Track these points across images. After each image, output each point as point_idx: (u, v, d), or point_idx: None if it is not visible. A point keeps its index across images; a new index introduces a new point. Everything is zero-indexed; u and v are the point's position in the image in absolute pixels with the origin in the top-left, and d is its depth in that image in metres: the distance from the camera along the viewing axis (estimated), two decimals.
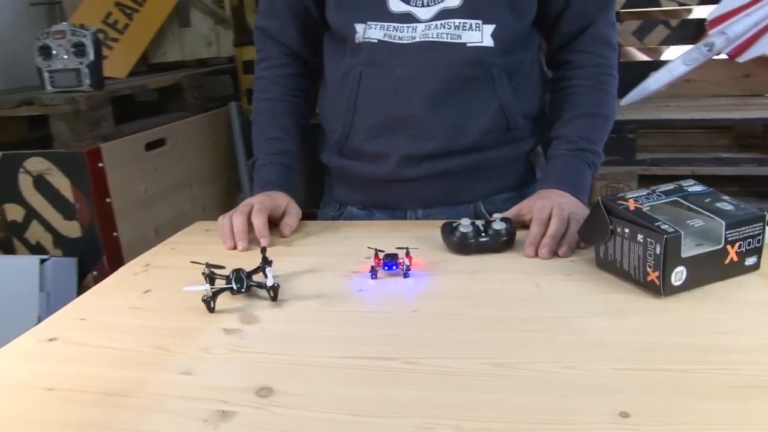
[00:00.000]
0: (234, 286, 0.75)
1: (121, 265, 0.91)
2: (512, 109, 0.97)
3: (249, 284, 0.75)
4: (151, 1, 2.18)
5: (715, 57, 2.08)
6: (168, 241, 1.00)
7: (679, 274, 0.69)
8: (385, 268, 0.79)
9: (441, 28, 0.94)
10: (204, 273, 0.78)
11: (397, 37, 0.95)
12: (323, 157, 1.10)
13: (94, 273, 1.60)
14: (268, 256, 0.81)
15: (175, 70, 2.25)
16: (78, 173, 1.56)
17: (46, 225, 1.62)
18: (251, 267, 0.79)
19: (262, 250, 0.81)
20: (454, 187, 1.01)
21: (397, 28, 0.96)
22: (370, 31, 0.96)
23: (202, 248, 0.95)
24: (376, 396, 0.55)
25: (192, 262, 0.81)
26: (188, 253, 0.91)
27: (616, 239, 0.74)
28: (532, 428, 0.50)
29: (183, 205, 1.98)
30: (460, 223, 0.85)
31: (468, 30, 0.94)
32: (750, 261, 0.73)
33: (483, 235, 0.85)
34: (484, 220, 0.86)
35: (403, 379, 0.57)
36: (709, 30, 2.12)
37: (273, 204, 0.97)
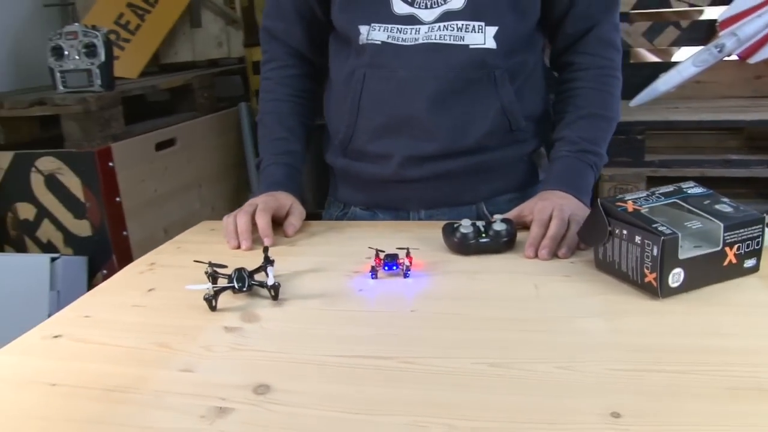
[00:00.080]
0: (236, 285, 0.76)
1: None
2: (514, 111, 0.98)
3: (250, 283, 0.76)
4: (162, 2, 2.20)
5: (726, 58, 2.07)
6: (173, 240, 1.01)
7: (676, 276, 0.69)
8: (386, 268, 0.80)
9: (444, 30, 0.95)
10: (207, 272, 0.79)
11: (401, 39, 0.96)
12: (327, 157, 1.11)
13: (104, 271, 1.62)
14: (271, 255, 0.82)
15: (186, 70, 2.27)
16: (88, 173, 1.58)
17: (57, 224, 1.64)
18: (254, 266, 0.81)
19: (265, 250, 0.82)
20: (457, 188, 1.02)
21: (401, 29, 0.96)
22: (374, 33, 0.97)
23: (207, 247, 0.96)
24: (371, 394, 0.56)
25: (195, 261, 0.82)
26: (193, 252, 0.92)
27: (615, 241, 0.74)
28: (525, 427, 0.50)
29: (192, 204, 2.00)
30: (461, 224, 0.86)
31: (471, 32, 0.94)
32: (749, 263, 0.73)
33: (483, 235, 0.85)
34: (484, 221, 0.87)
35: (399, 378, 0.58)
36: (719, 31, 2.11)
37: (277, 204, 0.98)
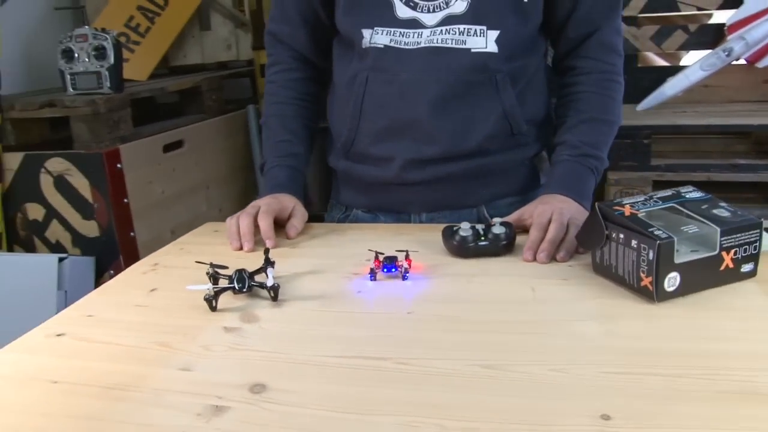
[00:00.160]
0: (236, 286, 0.77)
1: None
2: (516, 115, 0.98)
3: (250, 284, 0.77)
4: (172, 4, 2.22)
5: (734, 62, 2.06)
6: (177, 241, 1.02)
7: (672, 280, 0.69)
8: (385, 271, 0.81)
9: (446, 34, 0.95)
10: (208, 273, 0.80)
11: (403, 43, 0.97)
12: (330, 160, 1.12)
13: (111, 272, 1.64)
14: (272, 257, 0.83)
15: (195, 72, 2.29)
16: (97, 174, 1.60)
17: (66, 224, 1.66)
18: (255, 267, 0.82)
19: (265, 251, 0.83)
20: (458, 192, 1.03)
21: (403, 33, 0.97)
22: (377, 37, 0.98)
23: (210, 249, 0.97)
24: (365, 394, 0.57)
25: (197, 262, 0.83)
26: (196, 254, 0.93)
27: (612, 244, 0.74)
28: (515, 428, 0.51)
29: (199, 206, 2.01)
30: (460, 227, 0.86)
31: (472, 36, 0.95)
32: (746, 268, 0.74)
33: (482, 239, 0.86)
34: (484, 225, 0.87)
35: (393, 379, 0.59)
36: (728, 35, 2.10)
37: (280, 206, 0.99)
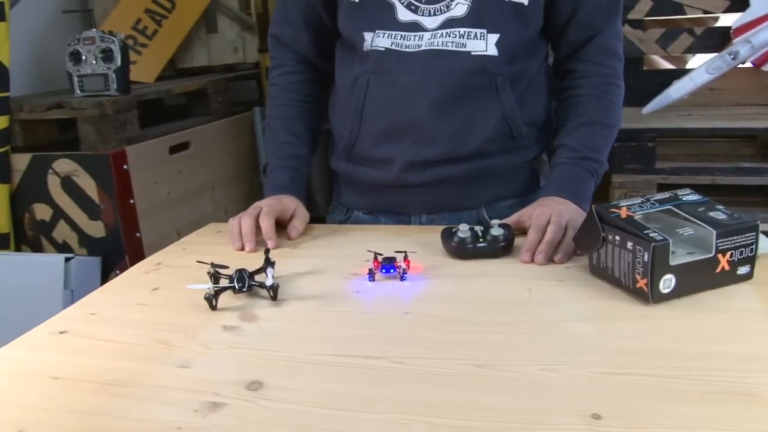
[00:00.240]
0: (236, 286, 0.78)
1: None
2: (515, 117, 0.99)
3: (250, 284, 0.78)
4: (179, 7, 2.23)
5: (740, 66, 2.06)
6: (180, 242, 1.04)
7: (667, 282, 0.70)
8: (383, 271, 0.82)
9: (446, 37, 0.96)
10: (209, 272, 0.81)
11: (404, 46, 0.98)
12: (332, 162, 1.13)
13: (117, 272, 1.65)
14: (272, 257, 0.84)
15: (202, 75, 2.31)
16: (103, 175, 1.62)
17: (73, 225, 1.67)
18: (256, 267, 0.83)
19: (266, 252, 0.84)
20: (458, 194, 1.03)
21: (405, 36, 0.98)
22: (378, 40, 0.99)
23: (212, 249, 0.98)
24: (359, 392, 0.57)
25: (198, 262, 0.85)
26: (199, 254, 0.94)
27: (608, 246, 0.75)
28: (505, 427, 0.51)
29: (205, 207, 2.02)
30: (459, 229, 0.87)
31: (473, 39, 0.96)
32: (742, 270, 0.74)
33: (481, 240, 0.86)
34: (482, 226, 0.88)
35: (387, 377, 0.60)
36: (734, 38, 2.10)
37: (281, 207, 1.00)
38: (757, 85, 2.19)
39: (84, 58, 1.69)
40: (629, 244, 0.71)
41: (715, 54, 2.06)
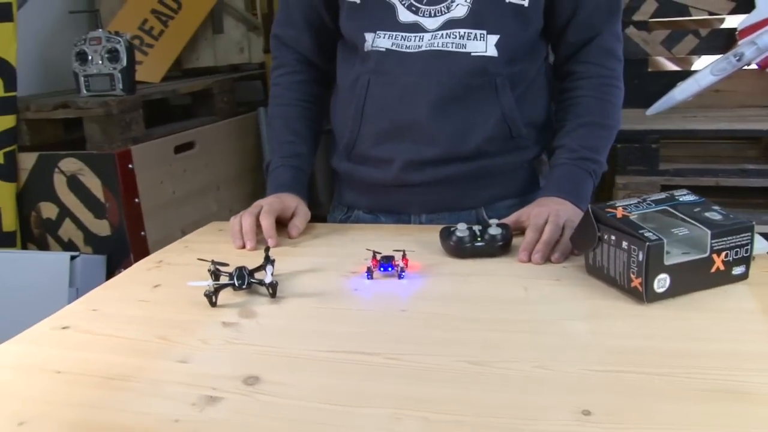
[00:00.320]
0: (236, 283, 0.79)
1: None
2: (515, 118, 1.00)
3: (250, 281, 0.79)
4: (186, 8, 2.25)
5: (745, 67, 2.06)
6: (182, 240, 1.05)
7: (662, 281, 0.70)
8: (381, 269, 0.83)
9: (446, 38, 0.97)
10: (210, 270, 0.82)
11: (405, 46, 0.99)
12: (333, 161, 1.14)
13: (121, 270, 1.66)
14: (272, 255, 0.85)
15: (208, 75, 2.32)
16: (109, 174, 1.63)
17: (78, 223, 1.69)
18: (256, 265, 0.84)
19: (266, 250, 0.85)
20: (457, 193, 1.04)
21: (405, 37, 0.99)
22: (379, 40, 1.00)
23: (214, 247, 0.99)
24: (353, 387, 0.58)
25: (199, 260, 0.86)
26: (200, 252, 0.95)
27: (604, 246, 0.76)
28: (496, 422, 0.52)
29: (210, 207, 2.04)
30: (457, 228, 0.88)
31: (472, 39, 0.97)
32: (738, 270, 0.74)
33: (479, 239, 0.87)
34: (481, 226, 0.89)
35: (382, 373, 0.60)
36: (739, 40, 2.10)
37: (282, 205, 1.01)
38: (763, 87, 2.19)
39: (90, 58, 1.71)
40: (624, 244, 0.72)
41: (720, 56, 2.05)
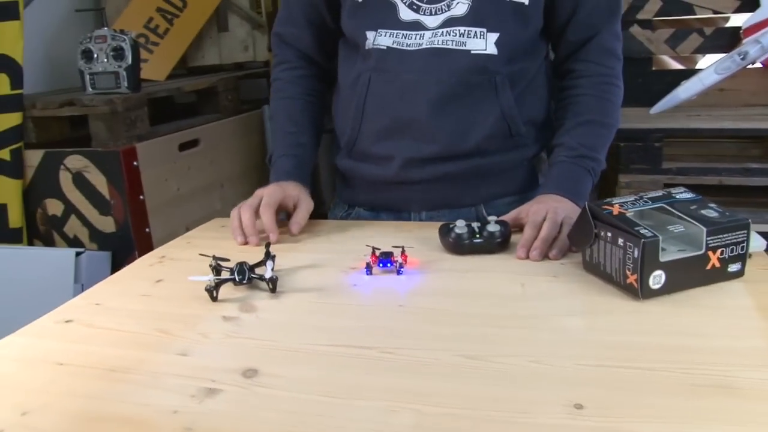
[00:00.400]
0: (236, 278, 0.80)
1: None
2: (514, 116, 1.00)
3: (250, 276, 0.80)
4: (191, 6, 2.26)
5: (750, 66, 2.05)
6: (185, 236, 1.06)
7: (657, 278, 0.71)
8: (380, 265, 0.83)
9: (447, 36, 0.98)
10: (211, 265, 0.84)
11: (405, 44, 1.00)
12: (334, 159, 1.14)
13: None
14: (273, 251, 0.86)
15: (213, 73, 2.33)
16: (114, 171, 1.64)
17: (83, 220, 1.70)
18: (257, 261, 0.85)
19: (266, 245, 0.86)
20: (457, 191, 1.05)
21: (406, 35, 1.00)
22: (380, 38, 1.01)
23: (216, 243, 1.00)
24: (350, 381, 0.59)
25: (200, 255, 0.87)
26: (202, 247, 0.96)
27: (600, 243, 0.76)
28: (489, 415, 0.53)
29: (214, 204, 2.05)
30: (456, 225, 0.89)
31: (472, 37, 0.97)
32: (733, 268, 0.75)
33: (477, 236, 0.88)
34: (479, 223, 0.90)
35: (378, 367, 0.61)
36: (743, 38, 2.09)
37: (283, 194, 1.01)
38: (767, 86, 2.19)
39: (96, 56, 1.72)
40: (620, 241, 0.72)
41: (725, 54, 2.05)
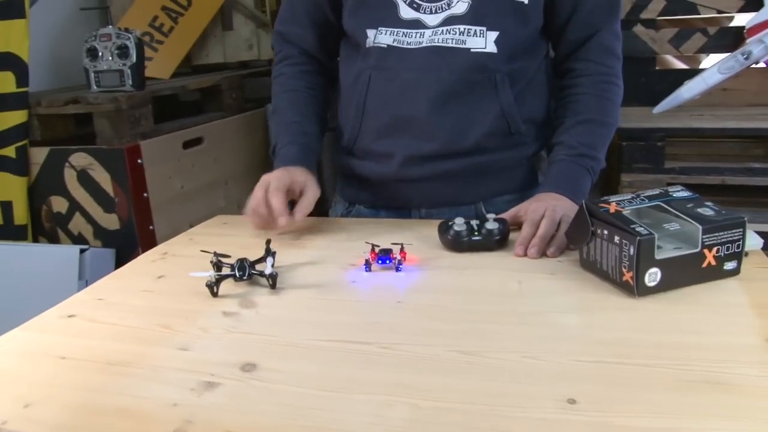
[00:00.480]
0: (237, 274, 0.81)
1: None
2: (513, 114, 1.01)
3: (251, 272, 0.81)
4: (195, 5, 2.27)
5: (753, 66, 2.05)
6: (187, 233, 1.07)
7: (653, 276, 0.71)
8: (379, 262, 0.84)
9: (447, 34, 0.98)
10: (212, 261, 0.85)
11: (406, 43, 1.00)
12: (334, 157, 1.15)
13: None
14: (273, 248, 0.87)
15: (218, 71, 2.35)
16: (118, 169, 1.66)
17: (88, 217, 1.72)
18: (258, 257, 0.86)
19: (267, 242, 0.87)
20: (457, 188, 1.05)
21: (406, 33, 1.00)
22: (381, 37, 1.01)
23: (218, 240, 1.01)
24: (347, 375, 0.60)
25: (202, 251, 0.88)
26: (204, 244, 0.97)
27: (597, 240, 0.77)
28: (482, 409, 0.54)
29: (218, 202, 2.06)
30: (455, 222, 0.89)
31: (472, 36, 0.98)
32: (729, 266, 0.75)
33: (476, 234, 0.89)
34: (478, 220, 0.90)
35: (375, 362, 0.62)
36: (747, 38, 2.09)
37: (291, 179, 0.99)
38: None
39: (100, 54, 1.74)
40: (616, 238, 0.73)
41: (728, 54, 2.05)
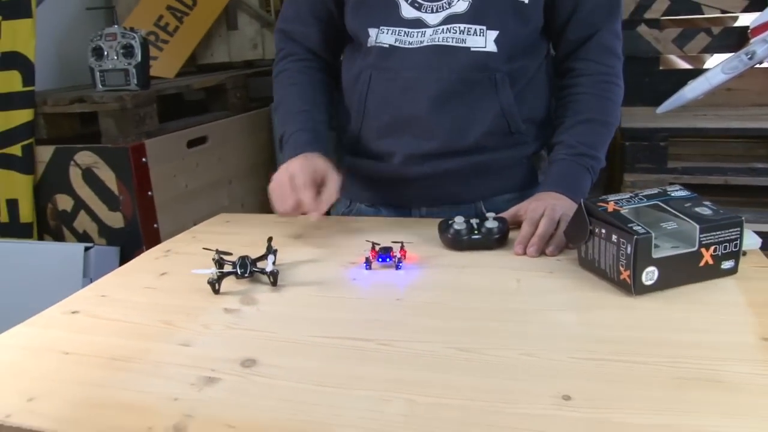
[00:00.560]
0: (238, 271, 0.82)
1: None
2: (513, 114, 1.01)
3: (252, 270, 0.82)
4: (200, 4, 2.29)
5: (757, 66, 2.05)
6: (190, 230, 1.08)
7: (650, 274, 0.72)
8: (379, 260, 0.85)
9: (447, 33, 0.99)
10: (214, 258, 0.85)
11: (407, 42, 1.01)
12: (336, 156, 1.16)
13: None
14: (274, 246, 0.88)
15: (222, 71, 2.36)
16: (123, 167, 1.67)
17: (93, 215, 1.73)
18: (259, 255, 0.86)
19: (269, 240, 0.88)
20: (456, 187, 1.06)
21: (408, 33, 1.01)
22: (382, 36, 1.02)
23: (221, 238, 1.02)
24: (345, 371, 0.61)
25: (204, 249, 0.89)
26: (207, 242, 0.98)
27: (595, 239, 0.77)
28: (478, 405, 0.54)
29: (222, 200, 2.08)
30: (455, 221, 0.90)
31: (472, 35, 0.98)
32: (727, 265, 0.76)
33: (476, 232, 0.89)
34: (478, 219, 0.91)
35: (373, 358, 0.63)
36: (751, 38, 2.09)
37: (313, 169, 0.97)
38: None
39: (106, 53, 1.75)
40: (614, 237, 0.74)
41: (732, 54, 2.05)
